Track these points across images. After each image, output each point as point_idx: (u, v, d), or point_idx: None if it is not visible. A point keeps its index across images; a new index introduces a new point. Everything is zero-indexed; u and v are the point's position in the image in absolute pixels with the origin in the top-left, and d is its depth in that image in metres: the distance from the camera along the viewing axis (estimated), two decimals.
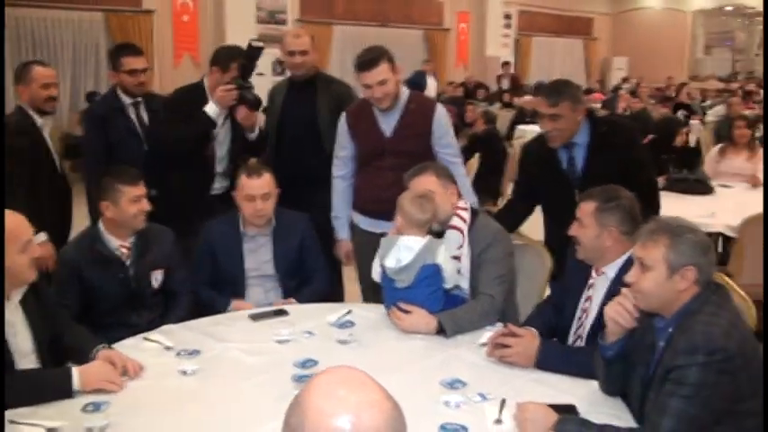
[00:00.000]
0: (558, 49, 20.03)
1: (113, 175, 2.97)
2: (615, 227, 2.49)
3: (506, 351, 2.45)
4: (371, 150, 3.53)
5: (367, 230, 3.62)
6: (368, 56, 3.37)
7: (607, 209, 2.50)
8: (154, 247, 3.04)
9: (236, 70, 3.69)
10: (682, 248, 2.02)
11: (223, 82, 3.69)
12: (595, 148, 3.30)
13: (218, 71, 3.75)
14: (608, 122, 3.55)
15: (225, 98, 3.64)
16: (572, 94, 3.24)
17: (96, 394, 2.23)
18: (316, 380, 1.18)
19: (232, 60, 3.73)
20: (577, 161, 3.33)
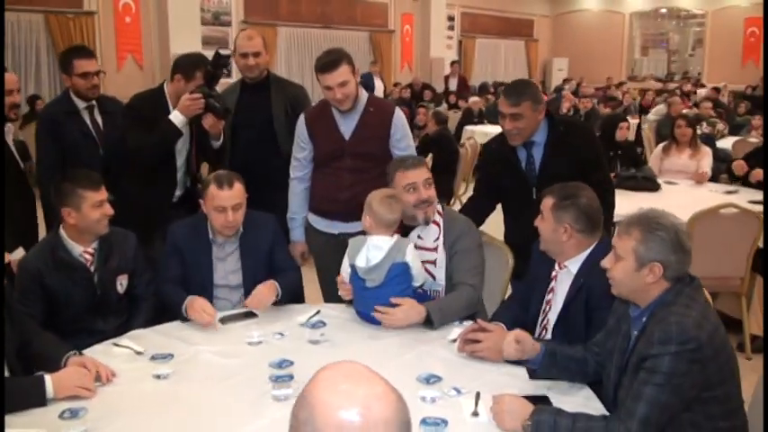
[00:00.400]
0: (501, 50, 20.34)
1: (73, 180, 2.89)
2: (569, 224, 2.57)
3: (477, 346, 2.51)
4: (330, 152, 3.53)
5: (323, 231, 3.62)
6: (329, 57, 3.38)
7: (563, 206, 2.58)
8: (117, 252, 2.99)
9: (200, 78, 3.65)
10: (651, 245, 2.10)
11: (186, 90, 3.64)
12: (553, 147, 3.38)
13: (182, 79, 3.68)
14: (565, 122, 3.64)
15: (191, 107, 3.59)
16: (533, 95, 3.33)
17: (70, 401, 2.20)
18: (320, 375, 1.20)
19: (196, 68, 3.67)
20: (536, 160, 3.42)
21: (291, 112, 4.01)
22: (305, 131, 3.59)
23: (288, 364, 2.37)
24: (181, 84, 3.68)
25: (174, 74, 3.72)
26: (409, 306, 2.78)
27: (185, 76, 3.67)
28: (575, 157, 3.34)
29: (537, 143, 3.41)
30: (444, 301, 2.88)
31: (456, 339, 2.66)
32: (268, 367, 2.39)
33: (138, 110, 3.79)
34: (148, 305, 3.04)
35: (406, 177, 3.03)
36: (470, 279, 2.95)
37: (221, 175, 3.06)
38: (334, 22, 15.02)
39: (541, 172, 3.40)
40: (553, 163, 3.37)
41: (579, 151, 3.38)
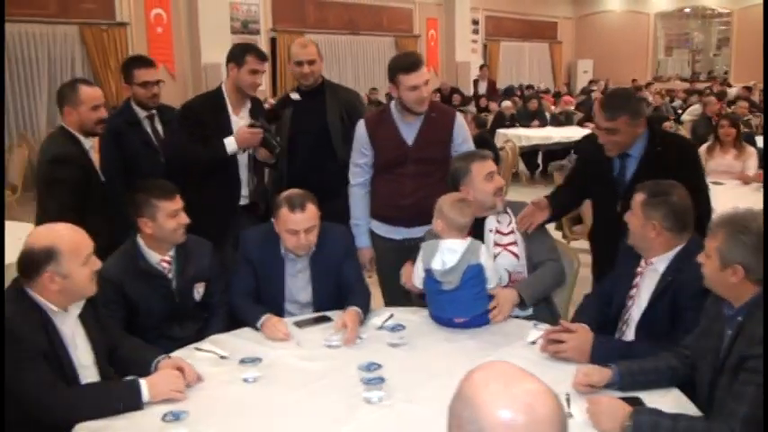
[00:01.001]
0: (525, 53, 20.33)
1: (148, 190, 2.91)
2: (658, 221, 2.56)
3: (561, 346, 2.51)
4: (393, 158, 3.56)
5: (386, 237, 3.65)
6: (412, 58, 3.45)
7: (653, 203, 2.57)
8: (194, 260, 3.02)
9: (252, 63, 3.71)
10: (731, 246, 2.10)
11: (241, 77, 3.73)
12: (647, 164, 3.17)
13: (235, 67, 3.75)
14: (666, 140, 3.33)
15: (248, 140, 3.68)
16: (631, 108, 3.12)
17: (165, 404, 2.23)
18: (477, 375, 1.22)
19: (245, 53, 3.74)
20: (627, 173, 3.24)
21: (347, 118, 4.04)
22: (366, 138, 3.61)
23: (376, 367, 2.39)
24: (235, 72, 3.75)
25: (228, 64, 3.79)
26: (503, 295, 2.85)
27: (237, 62, 3.74)
28: (669, 178, 2.96)
29: (632, 156, 3.22)
30: (530, 278, 2.98)
31: (535, 341, 2.67)
32: (357, 370, 2.41)
33: (195, 113, 3.84)
34: (224, 312, 3.06)
35: (484, 167, 3.09)
36: (551, 254, 3.07)
37: (294, 198, 2.95)
38: (360, 29, 15.10)
39: (630, 186, 3.10)
40: (645, 180, 3.24)
41: (675, 172, 2.98)
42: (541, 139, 10.39)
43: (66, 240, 2.28)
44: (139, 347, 2.57)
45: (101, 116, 3.54)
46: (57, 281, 2.25)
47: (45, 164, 3.37)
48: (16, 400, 2.17)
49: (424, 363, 2.53)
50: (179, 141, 3.79)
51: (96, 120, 3.52)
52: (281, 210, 2.94)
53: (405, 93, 3.44)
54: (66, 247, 2.27)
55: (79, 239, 2.33)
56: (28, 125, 10.55)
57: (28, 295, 2.28)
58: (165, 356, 2.47)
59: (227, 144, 3.70)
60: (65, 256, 2.26)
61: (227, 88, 3.85)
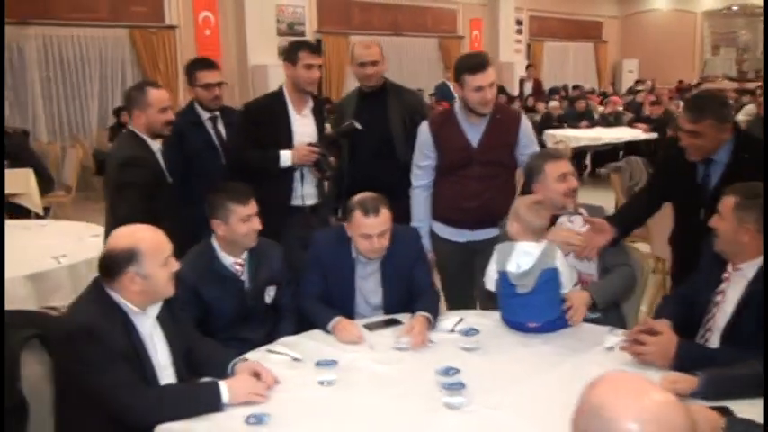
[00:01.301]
0: (570, 53, 20.12)
1: (224, 192, 2.92)
2: (752, 224, 2.48)
3: (643, 349, 2.44)
4: (458, 160, 3.52)
5: (449, 240, 3.62)
6: (478, 58, 3.42)
7: (747, 205, 2.48)
8: (267, 263, 3.03)
9: (305, 58, 3.73)
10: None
11: (296, 74, 3.75)
12: (733, 172, 3.02)
13: (290, 65, 3.78)
14: (753, 146, 3.17)
15: (304, 158, 3.73)
16: (717, 113, 3.01)
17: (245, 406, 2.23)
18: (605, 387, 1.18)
19: (298, 50, 3.76)
20: (711, 180, 3.12)
21: (409, 120, 4.01)
22: (430, 140, 3.58)
23: (455, 372, 2.36)
24: (290, 70, 3.77)
25: (284, 65, 3.83)
26: (576, 297, 2.81)
27: (291, 60, 3.76)
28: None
29: (716, 162, 3.10)
30: (602, 282, 2.94)
31: (612, 347, 2.61)
32: (435, 375, 2.38)
33: (253, 115, 3.86)
34: (293, 315, 3.06)
35: (558, 167, 3.05)
36: (622, 260, 3.02)
37: (367, 202, 2.92)
38: (404, 30, 15.08)
39: (714, 194, 2.96)
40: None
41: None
42: (590, 140, 10.26)
43: (147, 241, 2.29)
44: (215, 349, 2.58)
45: (169, 118, 3.55)
46: (137, 281, 2.27)
47: (115, 167, 3.38)
48: (97, 401, 2.18)
49: (501, 368, 2.49)
50: (237, 144, 3.82)
51: (164, 122, 3.53)
52: (355, 214, 2.92)
53: (469, 93, 3.40)
54: (147, 248, 2.28)
55: (160, 241, 2.34)
56: (80, 127, 10.75)
57: (108, 296, 2.30)
58: (242, 359, 2.47)
59: (283, 157, 3.73)
60: (146, 256, 2.27)
61: (286, 87, 3.86)
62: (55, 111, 10.53)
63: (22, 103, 10.16)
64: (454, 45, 16.22)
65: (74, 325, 2.19)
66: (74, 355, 2.17)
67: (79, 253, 4.14)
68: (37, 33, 10.13)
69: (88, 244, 4.40)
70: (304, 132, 3.85)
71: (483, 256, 3.54)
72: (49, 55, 10.32)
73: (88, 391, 2.18)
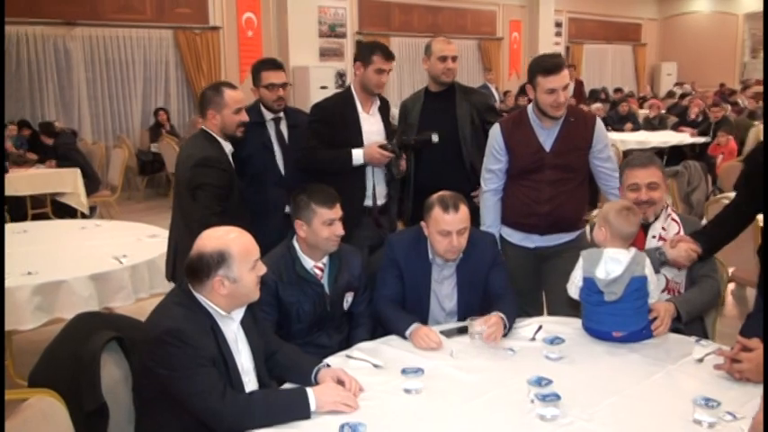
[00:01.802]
0: (608, 55, 19.89)
1: (311, 193, 2.89)
2: None
3: (740, 366, 2.37)
4: (530, 164, 3.45)
5: (518, 245, 3.55)
6: (554, 59, 3.34)
7: None
8: (347, 269, 2.99)
9: (378, 62, 3.74)
10: None
11: (366, 75, 3.77)
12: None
13: (361, 66, 3.78)
14: None
15: (376, 159, 3.73)
16: None
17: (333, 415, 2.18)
18: None
19: (372, 53, 3.76)
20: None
21: (478, 121, 3.96)
22: (502, 142, 3.51)
23: (547, 383, 2.29)
24: (361, 71, 3.78)
25: (355, 61, 3.84)
26: (664, 309, 2.74)
27: (364, 61, 3.76)
28: None
29: None
30: (688, 294, 2.87)
31: (702, 359, 2.54)
32: (526, 384, 2.31)
33: (323, 113, 3.85)
34: (369, 323, 3.03)
35: (632, 176, 3.01)
36: (712, 272, 2.93)
37: (446, 198, 2.90)
38: (444, 31, 14.96)
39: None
40: None
41: None
42: (637, 144, 10.10)
43: (237, 244, 2.27)
44: (298, 355, 2.54)
45: (243, 119, 3.53)
46: (226, 285, 2.24)
47: (190, 168, 3.36)
48: (183, 406, 2.16)
49: (591, 378, 2.41)
50: (309, 144, 3.80)
51: (239, 122, 3.51)
52: (434, 210, 2.88)
53: (542, 95, 3.33)
54: (237, 251, 2.25)
55: (249, 244, 2.31)
56: (124, 127, 10.83)
57: (195, 299, 2.27)
58: (325, 365, 2.43)
59: (355, 156, 3.73)
60: (236, 260, 2.24)
61: (355, 87, 3.86)
62: (100, 111, 10.62)
63: (67, 103, 10.26)
64: (493, 47, 16.12)
65: (162, 328, 2.17)
66: (162, 359, 2.14)
67: (139, 254, 4.15)
68: (84, 34, 10.22)
69: (147, 244, 4.42)
70: (372, 131, 3.85)
71: (552, 262, 3.51)
72: (95, 55, 10.40)
73: (175, 396, 2.15)
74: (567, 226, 3.51)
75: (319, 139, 3.78)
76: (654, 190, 2.97)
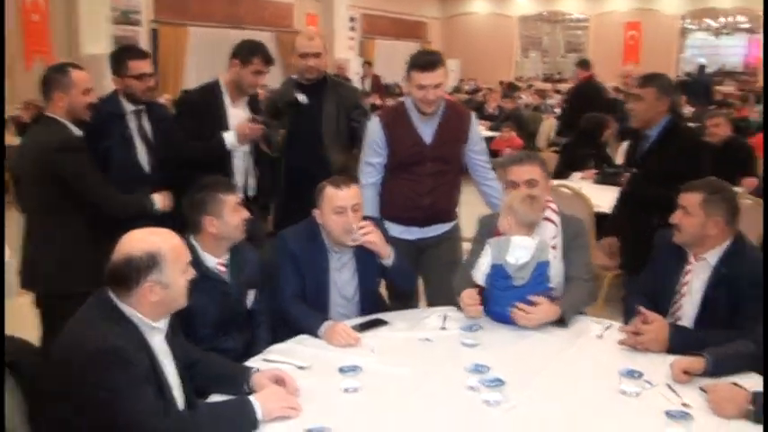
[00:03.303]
0: (399, 51, 20.53)
1: (213, 185, 2.76)
2: (721, 216, 2.70)
3: (641, 338, 2.59)
4: (411, 157, 3.49)
5: (399, 238, 3.52)
6: (429, 57, 3.38)
7: (714, 200, 2.70)
8: (246, 264, 2.86)
9: (257, 65, 3.63)
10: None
11: (241, 76, 3.64)
12: (659, 149, 3.69)
13: (238, 64, 3.64)
14: (682, 137, 3.89)
15: (248, 135, 3.61)
16: (660, 85, 3.81)
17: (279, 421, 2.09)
18: None
19: (253, 54, 3.64)
20: (639, 152, 3.85)
21: (345, 116, 3.95)
22: (382, 136, 3.52)
23: (486, 369, 2.34)
24: (236, 68, 3.66)
25: (232, 58, 3.67)
26: (547, 306, 2.81)
27: (242, 60, 3.63)
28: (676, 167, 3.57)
29: (649, 136, 3.85)
30: (573, 299, 2.91)
31: (601, 335, 2.75)
32: (464, 372, 2.35)
33: (190, 106, 3.71)
34: (268, 320, 2.92)
35: (510, 173, 3.11)
36: (586, 274, 3.04)
37: (336, 178, 2.99)
38: (244, 23, 14.72)
39: (640, 163, 3.89)
40: (654, 161, 3.81)
41: (682, 164, 3.60)
42: None
43: (168, 245, 2.07)
44: (222, 363, 2.39)
45: (91, 100, 3.35)
46: (157, 291, 2.04)
47: (51, 153, 3.14)
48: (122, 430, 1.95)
49: (513, 362, 2.49)
50: (175, 139, 3.58)
51: (87, 104, 3.33)
52: (326, 190, 2.93)
53: (413, 90, 3.39)
54: (169, 252, 2.06)
55: (180, 245, 2.13)
56: None
57: (120, 310, 2.05)
58: (256, 370, 2.30)
59: (226, 138, 3.61)
60: (168, 262, 2.05)
61: (225, 81, 3.71)
62: None
63: None
64: (291, 40, 15.96)
65: (94, 347, 1.93)
66: (101, 382, 1.91)
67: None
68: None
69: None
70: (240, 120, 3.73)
71: (430, 252, 3.60)
72: None
73: (111, 421, 1.93)
74: (446, 217, 3.61)
75: (186, 131, 3.59)
76: (533, 186, 3.05)
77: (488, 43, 22.15)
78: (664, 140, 3.80)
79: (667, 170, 3.59)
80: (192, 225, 2.73)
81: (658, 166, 3.73)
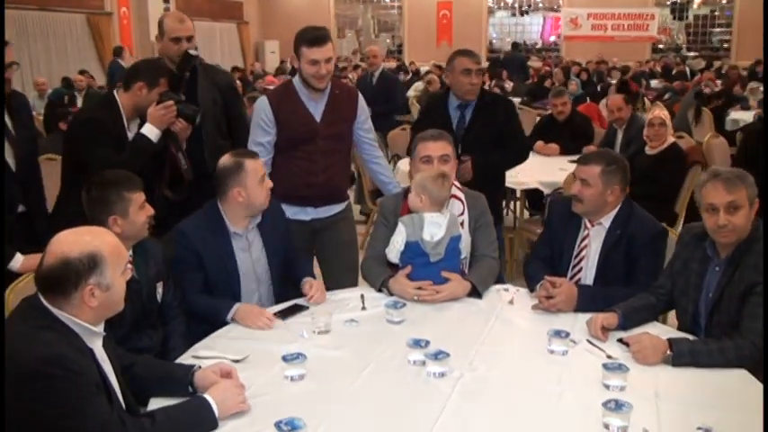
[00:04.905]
0: (216, 32, 20.03)
1: (117, 183, 2.57)
2: (618, 185, 2.92)
3: (553, 301, 2.76)
4: (302, 135, 3.45)
5: (293, 219, 3.46)
6: (320, 32, 3.36)
7: (611, 170, 2.91)
8: (152, 257, 2.71)
9: (164, 85, 3.32)
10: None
11: (148, 99, 3.29)
12: (479, 114, 3.97)
13: (144, 87, 3.28)
14: (494, 101, 4.18)
15: (164, 117, 3.27)
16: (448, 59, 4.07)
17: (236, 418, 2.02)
18: None
19: (160, 75, 3.34)
20: (466, 119, 3.99)
21: (221, 101, 3.79)
22: (270, 114, 3.45)
23: (426, 343, 2.38)
24: (143, 92, 3.29)
25: (132, 82, 3.29)
26: (457, 281, 2.90)
27: (148, 83, 3.29)
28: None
29: (469, 105, 4.00)
30: (483, 274, 3.01)
31: (511, 301, 2.90)
32: (406, 348, 2.38)
33: (103, 124, 3.27)
34: (182, 314, 2.80)
35: (424, 149, 3.13)
36: (493, 252, 3.14)
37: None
38: (50, 4, 13.66)
39: (467, 131, 3.99)
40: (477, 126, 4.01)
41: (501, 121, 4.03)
42: None
43: (107, 244, 1.92)
44: (158, 364, 2.28)
45: None
46: (97, 294, 1.89)
47: None
48: None
49: (444, 334, 2.53)
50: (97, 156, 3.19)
51: None
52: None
53: (305, 66, 3.36)
54: (109, 252, 1.91)
55: (117, 243, 1.97)
56: None
57: (56, 317, 1.87)
58: (197, 367, 2.20)
59: (149, 133, 3.26)
60: (109, 263, 1.90)
61: (123, 101, 3.33)
62: None
63: None
64: (104, 22, 15.15)
65: (34, 359, 1.75)
66: (42, 397, 1.74)
67: None
68: None
69: None
70: None
71: (326, 233, 3.59)
72: None
73: None
74: (339, 196, 3.61)
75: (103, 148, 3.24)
76: (446, 163, 3.12)
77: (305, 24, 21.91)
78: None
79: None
80: (94, 224, 2.52)
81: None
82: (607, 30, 19.29)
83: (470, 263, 3.11)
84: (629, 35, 19.32)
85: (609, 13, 19.26)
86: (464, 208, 3.11)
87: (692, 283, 2.64)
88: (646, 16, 19.39)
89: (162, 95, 3.28)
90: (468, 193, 3.19)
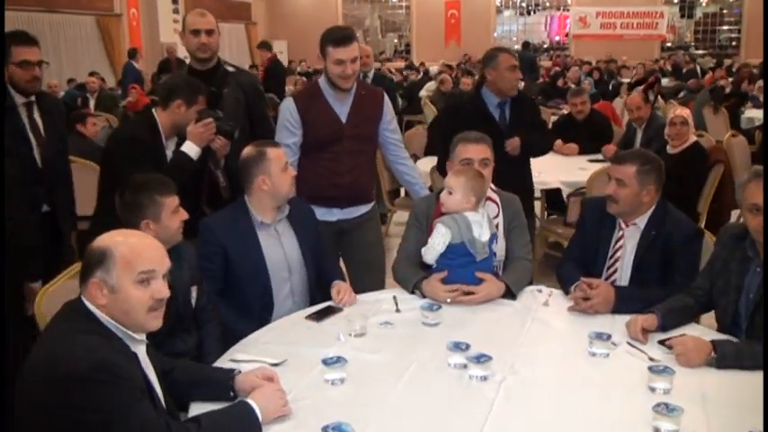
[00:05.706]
0: (224, 33, 19.91)
1: (149, 187, 2.54)
2: (653, 185, 2.89)
3: (590, 303, 2.73)
4: (328, 135, 3.44)
5: (320, 220, 3.38)
6: (345, 31, 3.36)
7: (647, 170, 2.88)
8: (187, 261, 2.68)
9: (202, 103, 3.29)
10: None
11: (186, 117, 3.25)
12: (517, 109, 4.13)
13: (183, 105, 3.24)
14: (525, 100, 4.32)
15: (204, 135, 3.24)
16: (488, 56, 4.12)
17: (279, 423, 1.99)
18: None
19: (198, 93, 3.30)
20: (506, 116, 4.11)
21: (244, 101, 3.76)
22: (296, 115, 3.45)
23: (467, 346, 2.35)
24: (181, 110, 3.24)
25: (170, 100, 3.24)
26: (492, 282, 2.87)
27: (187, 101, 3.24)
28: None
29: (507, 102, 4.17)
30: (518, 275, 2.99)
31: (546, 303, 2.86)
32: (447, 351, 2.35)
33: (143, 142, 3.23)
34: (216, 316, 2.78)
35: (465, 151, 3.10)
36: (527, 254, 3.12)
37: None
38: (58, 6, 13.68)
39: (510, 127, 4.11)
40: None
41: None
42: None
43: (123, 246, 1.89)
44: (198, 368, 2.25)
45: None
46: (105, 293, 1.86)
47: None
48: None
49: (483, 337, 2.51)
50: (117, 169, 3.16)
51: None
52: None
53: (330, 66, 3.36)
54: (121, 255, 1.87)
55: (141, 251, 1.91)
56: None
57: (99, 321, 1.85)
58: (237, 371, 2.17)
59: (189, 151, 3.23)
60: (116, 265, 1.86)
61: (162, 119, 3.28)
62: None
63: None
64: (113, 24, 15.19)
65: (80, 365, 1.72)
66: (91, 403, 1.72)
67: None
68: None
69: None
70: None
71: (353, 234, 3.57)
72: None
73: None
74: (365, 197, 3.59)
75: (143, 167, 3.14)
76: (486, 167, 3.09)
77: (313, 24, 21.98)
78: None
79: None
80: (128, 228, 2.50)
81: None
82: (616, 28, 19.29)
83: (504, 265, 3.08)
84: (639, 33, 19.34)
85: (618, 11, 19.27)
86: (499, 210, 3.09)
87: (733, 283, 2.60)
88: (655, 14, 19.38)
89: (200, 113, 3.25)
90: (503, 195, 3.17)
